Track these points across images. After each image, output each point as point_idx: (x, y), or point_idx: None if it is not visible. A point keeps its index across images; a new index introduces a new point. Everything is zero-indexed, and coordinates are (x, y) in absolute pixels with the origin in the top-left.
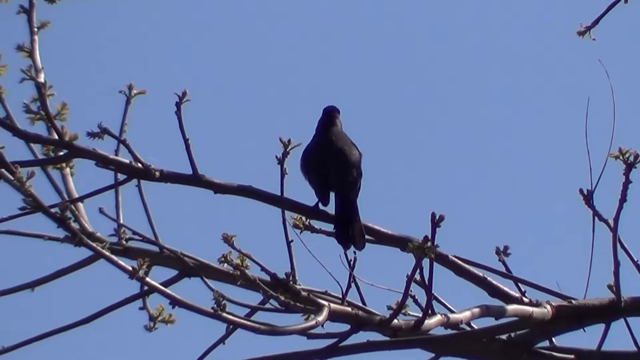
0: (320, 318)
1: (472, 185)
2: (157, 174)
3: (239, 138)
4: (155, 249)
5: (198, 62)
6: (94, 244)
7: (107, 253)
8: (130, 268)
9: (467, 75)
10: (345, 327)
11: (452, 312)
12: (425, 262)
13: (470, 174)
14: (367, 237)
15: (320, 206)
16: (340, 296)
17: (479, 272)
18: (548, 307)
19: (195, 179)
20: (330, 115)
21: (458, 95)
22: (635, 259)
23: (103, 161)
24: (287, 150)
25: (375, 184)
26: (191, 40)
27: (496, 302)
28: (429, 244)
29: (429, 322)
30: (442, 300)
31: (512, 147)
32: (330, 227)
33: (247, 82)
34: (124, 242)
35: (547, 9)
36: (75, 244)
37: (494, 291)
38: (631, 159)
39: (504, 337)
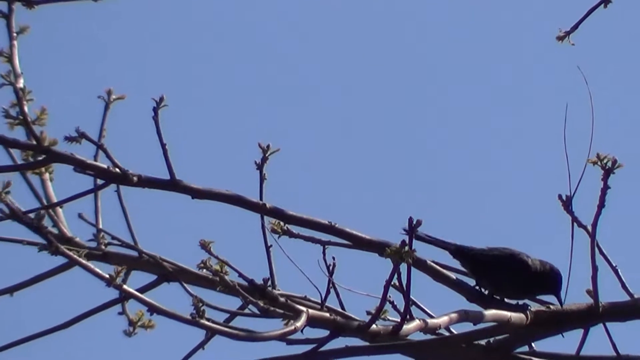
0: (299, 324)
1: (451, 189)
2: (135, 179)
3: (218, 143)
4: (134, 253)
5: (178, 67)
6: (70, 252)
7: (84, 261)
8: (108, 275)
9: (444, 77)
10: (325, 332)
11: (430, 317)
12: (403, 267)
13: (449, 179)
14: (344, 242)
15: None
16: (320, 301)
17: (457, 277)
18: (526, 312)
19: (172, 184)
20: None
21: (435, 97)
22: (614, 265)
23: (81, 166)
24: (266, 155)
25: (353, 188)
26: (172, 44)
27: (474, 308)
28: (407, 249)
29: (407, 327)
30: (421, 305)
31: (491, 152)
32: (308, 232)
33: (226, 87)
34: (103, 247)
35: (526, 13)
36: (52, 253)
37: (472, 296)
38: (609, 164)
39: (482, 342)
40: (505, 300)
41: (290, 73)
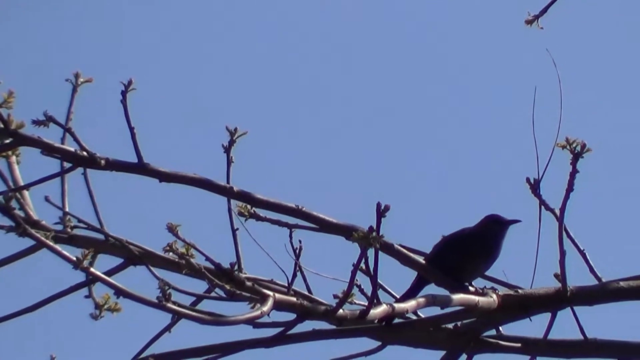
0: (266, 308)
1: (418, 174)
2: (103, 162)
3: (185, 127)
4: (100, 237)
5: (146, 51)
6: (37, 234)
7: (51, 243)
8: (75, 258)
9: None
10: (292, 315)
11: (397, 300)
12: (371, 252)
13: (416, 163)
14: (311, 225)
15: None
16: (286, 285)
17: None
18: (494, 296)
19: (140, 167)
20: None
21: (403, 82)
22: (582, 249)
23: (48, 149)
24: (234, 138)
25: (320, 172)
26: (139, 28)
27: (442, 292)
28: (374, 233)
29: (375, 311)
30: (388, 289)
31: (459, 136)
32: (275, 216)
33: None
34: (69, 230)
35: None
36: (19, 234)
37: (440, 281)
38: (578, 148)
39: (450, 326)
40: (471, 282)
41: (258, 56)
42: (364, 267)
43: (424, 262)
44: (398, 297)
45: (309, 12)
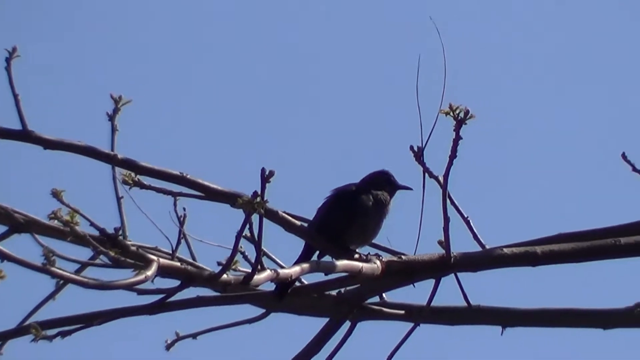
0: (149, 272)
1: (304, 140)
2: None
3: (70, 94)
4: None
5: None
6: None
7: None
8: None
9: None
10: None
11: (282, 267)
12: (256, 218)
13: (299, 129)
14: (195, 193)
15: None
16: (171, 252)
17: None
18: (378, 262)
19: (24, 135)
20: None
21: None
22: (465, 216)
23: None
24: (118, 107)
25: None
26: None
27: (326, 258)
28: (259, 199)
29: (259, 277)
30: (273, 257)
31: (344, 102)
32: (161, 184)
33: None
34: None
35: None
36: None
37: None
38: (462, 115)
39: (334, 292)
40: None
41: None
42: (249, 234)
43: (307, 228)
44: (282, 264)
45: None
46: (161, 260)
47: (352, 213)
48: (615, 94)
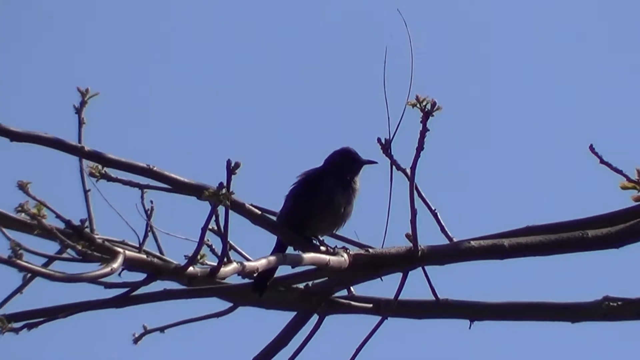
0: (115, 265)
1: (271, 132)
2: None
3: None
4: None
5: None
6: None
7: None
8: None
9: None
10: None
11: (248, 260)
12: (222, 210)
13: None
14: (163, 185)
15: None
16: (138, 245)
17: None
18: (345, 255)
19: None
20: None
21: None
22: (433, 208)
23: None
24: (85, 99)
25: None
26: None
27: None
28: (224, 191)
29: (225, 269)
30: (239, 249)
31: (311, 94)
32: (128, 176)
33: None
34: None
35: None
36: None
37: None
38: (428, 107)
39: (301, 286)
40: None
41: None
42: (215, 226)
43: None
44: (248, 257)
45: None
46: (127, 252)
47: (318, 202)
48: (583, 86)
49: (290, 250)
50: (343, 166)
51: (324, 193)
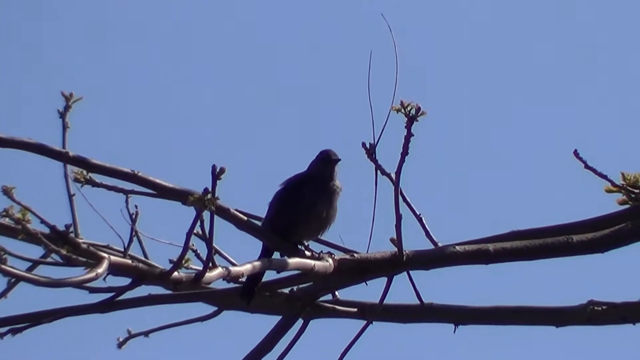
0: (100, 270)
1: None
2: None
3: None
4: None
5: None
6: None
7: None
8: None
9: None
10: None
11: (234, 265)
12: (207, 216)
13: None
14: (147, 190)
15: None
16: (123, 250)
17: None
18: (330, 260)
19: None
20: None
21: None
22: (418, 213)
23: None
24: (69, 104)
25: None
26: None
27: (278, 256)
28: (209, 196)
29: (210, 274)
30: (224, 254)
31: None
32: (112, 181)
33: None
34: None
35: None
36: None
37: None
38: (413, 112)
39: (286, 290)
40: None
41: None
42: (200, 231)
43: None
44: (234, 261)
45: None
46: (112, 257)
47: (300, 208)
48: (567, 91)
49: (276, 255)
50: (321, 169)
51: (304, 199)
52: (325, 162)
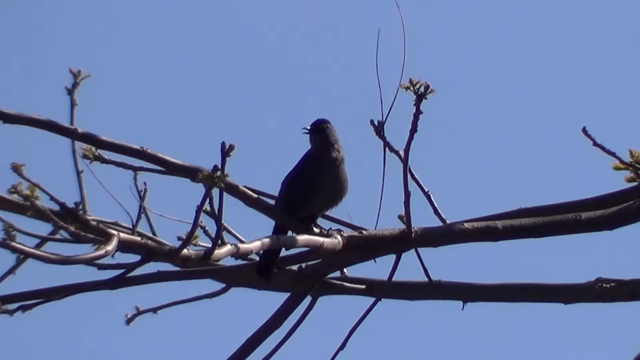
0: (110, 247)
1: (266, 115)
2: None
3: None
4: None
5: None
6: None
7: None
8: None
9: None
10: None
11: (242, 242)
12: (216, 193)
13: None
14: (158, 167)
15: None
16: (131, 227)
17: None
18: (339, 237)
19: None
20: None
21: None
22: (426, 190)
23: None
24: (78, 81)
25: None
26: None
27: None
28: (219, 173)
29: (219, 252)
30: (233, 231)
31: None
32: (121, 158)
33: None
34: None
35: None
36: None
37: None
38: (422, 90)
39: (295, 268)
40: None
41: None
42: (209, 208)
43: (270, 203)
44: (242, 239)
45: None
46: (121, 235)
47: (302, 182)
48: (575, 68)
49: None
50: (312, 143)
51: (306, 173)
52: (312, 135)
